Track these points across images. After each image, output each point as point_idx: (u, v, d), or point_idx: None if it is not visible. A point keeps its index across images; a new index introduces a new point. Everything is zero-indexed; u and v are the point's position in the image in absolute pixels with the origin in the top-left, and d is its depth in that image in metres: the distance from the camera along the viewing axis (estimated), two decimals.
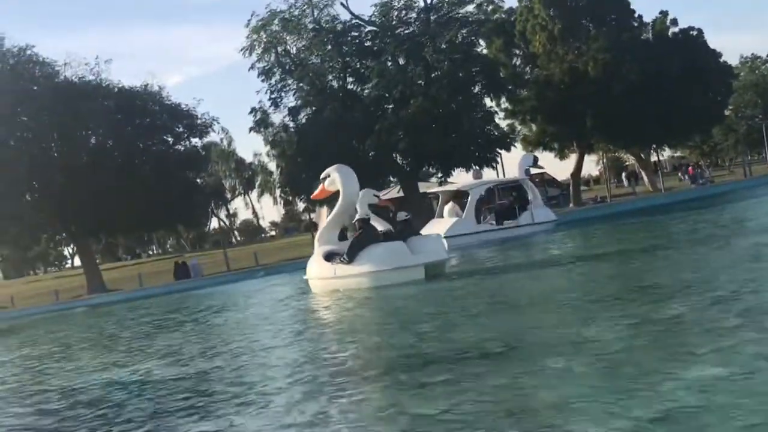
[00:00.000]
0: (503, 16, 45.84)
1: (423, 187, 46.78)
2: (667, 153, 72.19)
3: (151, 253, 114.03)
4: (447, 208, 29.86)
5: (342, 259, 16.80)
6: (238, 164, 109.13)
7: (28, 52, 43.08)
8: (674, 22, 42.87)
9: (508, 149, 41.32)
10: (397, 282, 15.77)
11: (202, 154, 49.61)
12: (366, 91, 39.24)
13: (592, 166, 78.28)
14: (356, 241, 16.81)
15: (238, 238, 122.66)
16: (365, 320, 12.61)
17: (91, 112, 41.89)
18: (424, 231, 28.93)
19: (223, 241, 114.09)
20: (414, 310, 12.52)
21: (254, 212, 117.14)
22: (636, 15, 43.94)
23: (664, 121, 40.32)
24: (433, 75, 37.36)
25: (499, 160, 41.32)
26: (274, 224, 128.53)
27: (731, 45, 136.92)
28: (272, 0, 39.34)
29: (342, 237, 25.69)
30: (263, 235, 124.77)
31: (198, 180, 53.51)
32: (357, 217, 18.55)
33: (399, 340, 9.23)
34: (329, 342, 10.50)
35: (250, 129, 40.88)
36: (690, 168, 56.38)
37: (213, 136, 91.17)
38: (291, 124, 39.77)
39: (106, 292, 41.21)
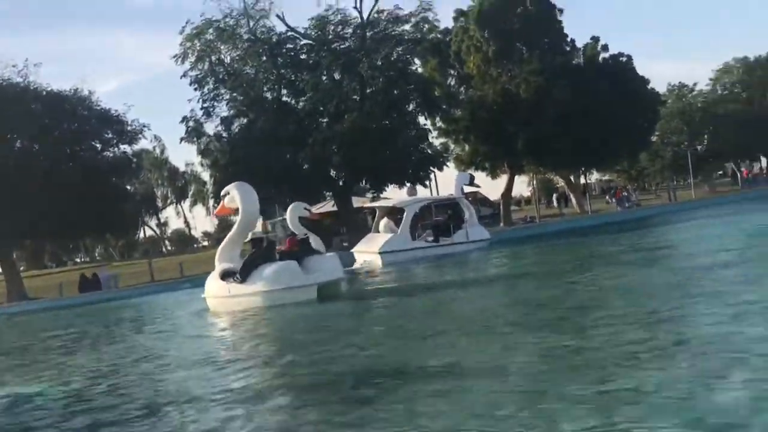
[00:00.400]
0: (439, 36, 46.27)
1: (357, 202, 46.85)
2: (596, 176, 73.97)
3: (78, 261, 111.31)
4: (383, 223, 29.93)
5: (235, 278, 16.67)
6: (171, 173, 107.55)
7: None
8: (605, 48, 43.92)
9: (440, 168, 41.65)
10: (289, 302, 15.63)
11: (132, 161, 48.65)
12: (301, 103, 39.08)
13: (523, 186, 79.62)
14: (249, 260, 16.74)
15: (170, 248, 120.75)
16: (238, 346, 12.25)
17: (17, 116, 40.74)
18: (359, 246, 29.65)
19: (152, 251, 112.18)
20: (290, 334, 12.57)
21: (186, 222, 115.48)
22: (569, 39, 44.87)
23: (592, 145, 41.12)
24: (368, 91, 37.45)
25: (432, 178, 41.62)
26: (206, 234, 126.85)
27: (659, 73, 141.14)
28: (208, 8, 38.58)
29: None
30: (195, 245, 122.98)
31: (128, 187, 52.51)
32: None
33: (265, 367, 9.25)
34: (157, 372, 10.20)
35: (182, 139, 40.28)
36: (617, 191, 57.63)
37: (145, 144, 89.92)
38: (224, 134, 39.28)
39: (26, 300, 40.00)
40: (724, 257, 13.92)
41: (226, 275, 17.07)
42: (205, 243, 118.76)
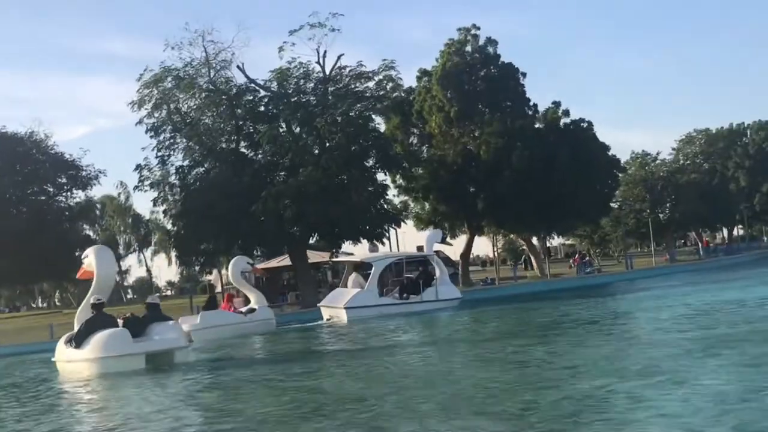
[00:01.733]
0: (403, 94, 46.19)
1: (317, 257, 46.03)
2: (559, 240, 73.76)
3: (34, 306, 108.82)
4: (351, 278, 29.43)
5: (71, 343, 16.52)
6: (135, 220, 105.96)
7: None
8: (566, 113, 44.02)
9: (398, 225, 41.11)
10: (117, 370, 15.30)
11: (83, 206, 47.55)
12: (259, 155, 38.51)
13: (490, 247, 79.40)
14: (84, 325, 16.41)
15: (132, 296, 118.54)
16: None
17: None
18: (325, 301, 29.09)
19: (113, 298, 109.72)
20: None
21: (148, 270, 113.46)
22: (531, 103, 44.94)
23: (550, 208, 40.87)
24: (326, 145, 36.99)
25: (389, 235, 41.01)
26: (170, 284, 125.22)
27: (623, 141, 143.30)
28: (168, 56, 38.08)
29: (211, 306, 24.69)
30: (158, 294, 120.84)
31: (88, 233, 51.49)
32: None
33: None
34: None
35: (135, 187, 39.43)
36: (575, 257, 57.39)
37: (110, 190, 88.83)
38: (177, 184, 38.48)
39: None
40: (656, 336, 13.45)
41: (69, 340, 16.85)
42: (168, 292, 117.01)
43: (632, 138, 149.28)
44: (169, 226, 45.04)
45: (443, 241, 32.67)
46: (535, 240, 53.82)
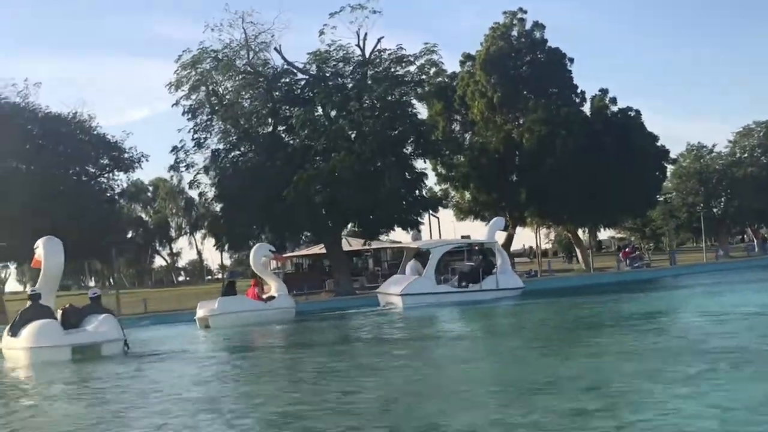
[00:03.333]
0: (446, 80, 45.15)
1: (358, 244, 45.42)
2: (610, 233, 71.89)
3: (83, 285, 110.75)
4: (409, 265, 28.71)
5: (9, 332, 17.03)
6: (187, 203, 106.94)
7: None
8: (613, 101, 42.42)
9: (435, 211, 40.20)
10: (45, 360, 15.73)
11: (133, 187, 47.54)
12: (293, 140, 37.94)
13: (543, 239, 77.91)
14: (19, 315, 17.02)
15: (185, 278, 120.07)
16: None
17: (9, 136, 40.05)
18: (382, 287, 28.65)
19: (165, 280, 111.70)
20: None
21: (199, 253, 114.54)
22: (579, 90, 43.46)
23: (594, 200, 39.45)
24: (364, 129, 36.13)
25: (423, 223, 40.02)
26: (222, 266, 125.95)
27: (677, 133, 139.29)
28: (207, 38, 37.73)
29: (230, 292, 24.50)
30: (210, 276, 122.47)
31: (141, 215, 51.62)
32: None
33: None
34: None
35: (170, 167, 39.22)
36: (624, 251, 55.57)
37: (163, 173, 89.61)
38: (212, 167, 38.16)
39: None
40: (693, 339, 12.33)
41: (9, 328, 17.42)
42: (220, 275, 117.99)
43: (687, 130, 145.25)
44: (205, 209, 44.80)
45: (505, 229, 31.62)
46: (582, 232, 52.36)
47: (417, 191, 38.57)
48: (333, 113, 37.58)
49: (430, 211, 40.07)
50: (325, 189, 33.61)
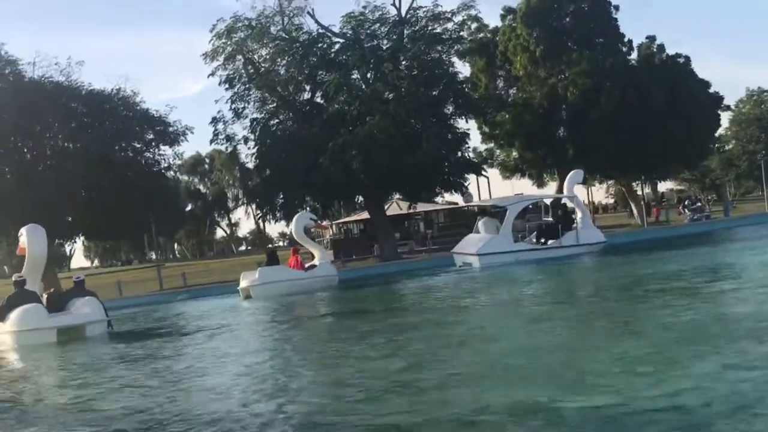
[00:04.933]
0: (488, 35, 43.99)
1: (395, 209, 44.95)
2: (668, 185, 69.77)
3: (147, 259, 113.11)
4: (482, 223, 27.74)
5: None
6: (242, 173, 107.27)
7: None
8: (661, 48, 40.69)
9: (478, 174, 39.31)
10: (31, 343, 16.18)
11: (171, 164, 47.50)
12: (330, 106, 37.42)
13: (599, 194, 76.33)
14: (6, 301, 17.50)
15: (246, 248, 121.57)
16: None
17: (55, 115, 40.55)
18: (458, 247, 27.68)
19: (226, 250, 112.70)
20: None
21: (256, 223, 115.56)
22: (626, 39, 41.87)
23: (644, 152, 38.11)
24: (401, 91, 35.34)
25: (467, 184, 39.23)
26: (282, 235, 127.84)
27: (736, 78, 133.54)
28: (241, 6, 37.30)
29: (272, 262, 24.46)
30: (271, 245, 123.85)
31: (199, 187, 51.75)
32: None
33: None
34: None
35: (211, 141, 39.22)
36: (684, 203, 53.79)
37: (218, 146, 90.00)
38: (251, 137, 38.02)
39: None
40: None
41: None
42: (281, 243, 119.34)
43: (748, 75, 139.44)
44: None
45: (584, 182, 30.32)
46: (639, 185, 50.86)
47: (459, 152, 37.72)
48: (369, 76, 36.91)
49: (478, 172, 39.05)
50: (361, 154, 32.98)
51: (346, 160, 33.19)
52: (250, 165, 39.19)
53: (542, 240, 26.99)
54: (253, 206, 55.53)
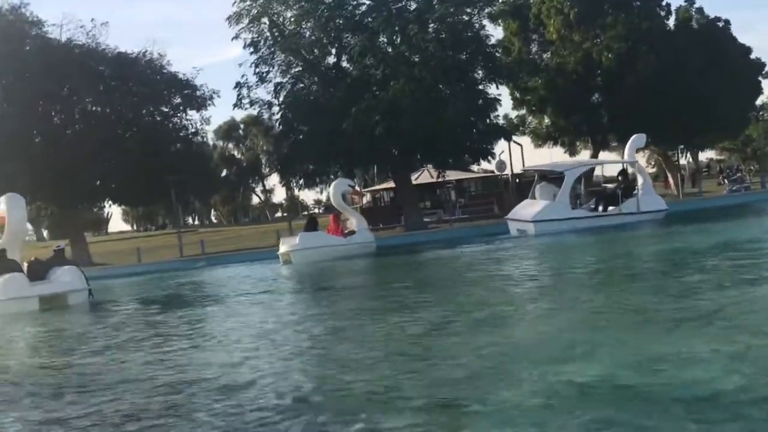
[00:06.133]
0: None
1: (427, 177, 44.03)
2: (709, 154, 67.83)
3: (188, 223, 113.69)
4: (538, 188, 26.89)
5: None
6: (276, 139, 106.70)
7: (22, 10, 41.59)
8: (700, 11, 39.12)
9: (508, 139, 38.22)
10: (12, 311, 16.26)
11: (198, 128, 46.93)
12: (353, 70, 36.56)
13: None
14: None
15: (283, 214, 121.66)
16: None
17: (82, 78, 40.31)
18: (512, 214, 26.79)
19: (261, 216, 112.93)
20: None
21: (289, 189, 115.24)
22: (663, 3, 40.27)
23: (682, 120, 36.74)
24: (421, 55, 34.26)
25: (497, 152, 38.20)
26: (317, 202, 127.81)
27: None
28: None
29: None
30: (305, 212, 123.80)
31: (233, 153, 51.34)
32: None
33: None
34: None
35: (234, 105, 38.59)
36: (722, 174, 52.22)
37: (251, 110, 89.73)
38: (275, 102, 37.39)
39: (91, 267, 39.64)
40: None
41: None
42: (317, 210, 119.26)
43: None
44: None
45: (646, 147, 29.11)
46: (679, 154, 49.33)
47: (488, 119, 36.66)
48: (396, 39, 35.93)
49: (507, 138, 37.99)
50: (385, 119, 32.15)
51: (369, 125, 32.39)
52: (275, 130, 38.50)
53: (601, 207, 26.11)
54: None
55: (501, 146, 39.10)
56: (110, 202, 51.30)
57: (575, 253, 17.99)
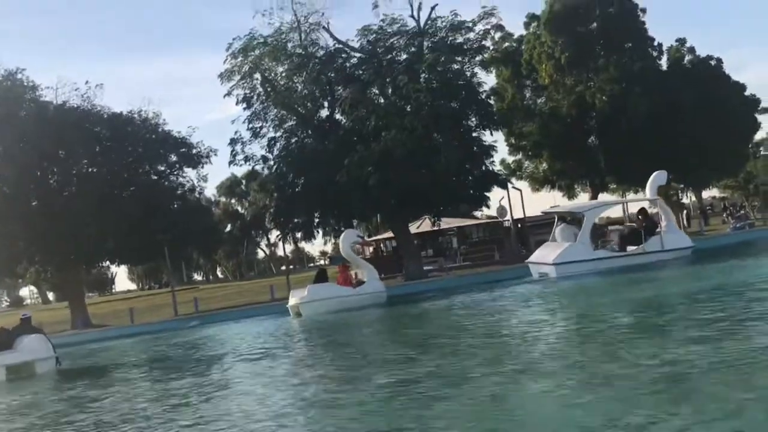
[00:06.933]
0: (513, 44, 42.83)
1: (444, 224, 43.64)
2: (711, 192, 67.40)
3: (188, 280, 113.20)
4: (558, 230, 26.45)
5: None
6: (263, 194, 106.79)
7: (18, 75, 41.91)
8: (691, 50, 39.12)
9: (503, 187, 37.95)
10: None
11: (196, 186, 46.75)
12: (348, 122, 36.53)
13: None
14: None
15: (288, 267, 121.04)
16: None
17: (78, 140, 40.44)
18: (533, 257, 26.54)
19: (267, 270, 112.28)
20: None
21: (294, 242, 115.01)
22: (655, 43, 40.34)
23: (677, 160, 36.46)
24: (420, 102, 34.24)
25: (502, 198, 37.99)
26: (323, 253, 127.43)
27: None
28: (257, 24, 36.69)
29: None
30: (311, 264, 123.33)
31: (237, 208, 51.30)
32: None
33: None
34: None
35: (229, 162, 38.40)
36: (725, 212, 51.76)
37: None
38: (270, 157, 37.31)
39: (91, 328, 39.24)
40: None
41: None
42: (322, 262, 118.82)
43: None
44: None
45: (668, 183, 29.54)
46: (681, 194, 48.98)
47: (483, 166, 36.42)
48: (387, 90, 35.96)
49: (502, 186, 37.73)
50: (378, 170, 31.96)
51: (363, 176, 32.20)
52: (268, 184, 38.39)
53: (624, 247, 25.55)
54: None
55: (501, 192, 38.86)
56: (108, 262, 51.04)
57: (597, 299, 17.05)
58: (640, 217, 27.07)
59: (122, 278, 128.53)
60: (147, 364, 17.04)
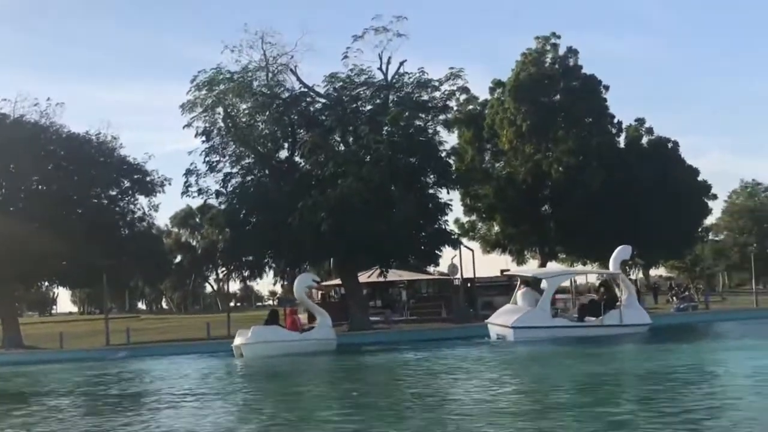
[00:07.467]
0: (477, 107, 43.36)
1: (393, 275, 43.45)
2: (657, 272, 68.44)
3: (140, 308, 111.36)
4: (520, 294, 26.59)
5: None
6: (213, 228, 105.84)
7: None
8: (649, 131, 40.01)
9: (454, 246, 38.00)
10: None
11: (146, 213, 45.97)
12: (302, 165, 36.47)
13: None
14: None
15: (237, 304, 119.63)
16: None
17: (31, 156, 39.61)
18: (493, 318, 26.31)
19: (214, 306, 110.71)
20: None
21: (244, 280, 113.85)
22: (615, 120, 41.17)
23: (628, 236, 36.82)
24: (379, 154, 34.33)
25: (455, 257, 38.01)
26: (272, 293, 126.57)
27: (733, 170, 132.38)
28: (224, 59, 36.60)
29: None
30: (259, 303, 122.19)
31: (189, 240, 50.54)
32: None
33: None
34: None
35: (182, 193, 37.93)
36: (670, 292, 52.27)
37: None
38: (223, 191, 36.96)
39: (21, 349, 38.03)
40: None
41: None
42: (271, 302, 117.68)
43: (744, 167, 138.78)
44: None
45: (631, 258, 29.37)
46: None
47: (437, 223, 36.49)
48: (349, 139, 36.06)
49: (454, 246, 37.80)
50: (331, 217, 31.82)
51: (316, 221, 32.01)
52: (220, 221, 37.97)
53: (583, 317, 25.78)
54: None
55: (454, 250, 38.91)
56: (48, 283, 49.79)
57: (543, 370, 17.20)
58: (601, 289, 27.27)
59: (65, 300, 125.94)
60: (53, 394, 16.29)
